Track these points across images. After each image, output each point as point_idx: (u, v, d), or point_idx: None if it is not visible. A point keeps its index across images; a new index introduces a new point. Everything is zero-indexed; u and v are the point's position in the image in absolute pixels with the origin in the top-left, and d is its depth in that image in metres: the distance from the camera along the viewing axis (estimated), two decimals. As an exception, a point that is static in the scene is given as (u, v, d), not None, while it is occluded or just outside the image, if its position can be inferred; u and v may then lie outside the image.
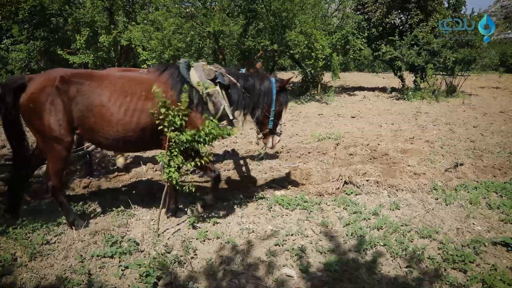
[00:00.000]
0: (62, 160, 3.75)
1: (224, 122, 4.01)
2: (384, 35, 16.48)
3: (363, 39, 15.56)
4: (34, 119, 3.59)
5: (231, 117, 3.99)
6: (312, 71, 14.68)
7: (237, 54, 13.07)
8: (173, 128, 3.57)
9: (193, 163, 3.77)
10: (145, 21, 12.74)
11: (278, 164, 6.16)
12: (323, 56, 13.07)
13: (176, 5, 11.45)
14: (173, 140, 3.57)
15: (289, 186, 5.21)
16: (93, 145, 5.20)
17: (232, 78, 4.01)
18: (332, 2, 16.44)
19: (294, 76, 19.84)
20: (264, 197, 4.74)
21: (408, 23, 16.06)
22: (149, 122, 3.66)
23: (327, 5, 16.19)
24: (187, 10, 12.42)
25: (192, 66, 3.92)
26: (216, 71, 3.91)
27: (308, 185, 5.26)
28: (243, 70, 4.27)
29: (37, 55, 15.01)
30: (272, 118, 4.19)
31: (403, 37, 15.38)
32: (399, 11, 16.11)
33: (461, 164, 6.07)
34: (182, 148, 3.60)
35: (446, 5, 15.99)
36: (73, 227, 3.87)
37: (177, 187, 3.75)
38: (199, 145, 3.65)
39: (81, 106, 3.58)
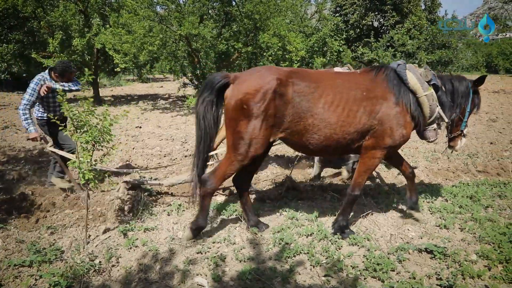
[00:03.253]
0: (240, 166, 3.58)
1: (435, 126, 3.96)
2: (362, 37, 16.51)
3: (341, 41, 15.57)
4: (242, 120, 3.40)
5: (446, 120, 3.94)
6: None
7: (212, 57, 12.98)
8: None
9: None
10: (116, 24, 12.61)
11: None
12: (298, 58, 13.03)
13: (145, 9, 11.32)
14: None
15: (234, 191, 5.13)
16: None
17: (439, 80, 3.94)
18: (309, 4, 16.42)
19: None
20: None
21: (384, 25, 16.10)
22: (366, 124, 3.54)
23: (302, 8, 16.14)
24: (158, 13, 12.30)
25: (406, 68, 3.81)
26: (433, 73, 3.84)
27: (252, 190, 5.17)
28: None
29: (11, 58, 14.83)
30: (466, 120, 4.16)
31: (379, 38, 15.41)
32: (376, 13, 16.14)
33: (415, 168, 6.03)
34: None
35: (423, 7, 16.04)
36: (192, 232, 3.75)
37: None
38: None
39: (299, 108, 3.44)
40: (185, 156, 7.11)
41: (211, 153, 4.54)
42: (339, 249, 3.63)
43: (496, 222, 4.11)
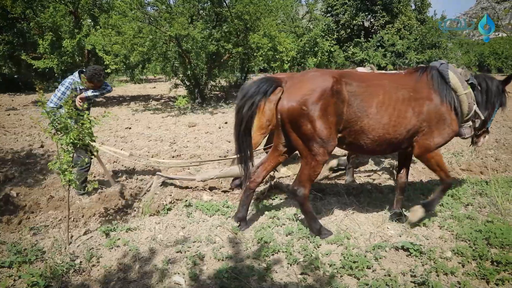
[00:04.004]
0: (321, 166, 3.65)
1: (470, 123, 4.10)
2: (352, 37, 16.60)
3: (332, 41, 15.65)
4: (304, 122, 3.43)
5: (482, 118, 4.08)
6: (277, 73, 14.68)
7: (203, 57, 12.99)
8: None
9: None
10: (106, 25, 12.60)
11: (213, 168, 6.11)
12: (288, 59, 13.11)
13: (134, 10, 11.33)
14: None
15: (218, 191, 5.17)
16: None
17: (475, 80, 4.08)
18: (299, 5, 16.48)
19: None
20: (191, 204, 4.68)
21: (375, 25, 16.20)
22: (416, 125, 3.67)
23: (293, 8, 16.21)
24: (147, 14, 12.30)
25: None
26: (471, 73, 4.00)
27: (237, 189, 5.21)
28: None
29: (1, 59, 14.76)
30: (492, 118, 4.28)
31: (369, 38, 15.50)
32: (367, 13, 16.23)
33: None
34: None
35: (413, 7, 16.16)
36: (320, 236, 3.77)
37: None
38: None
39: (354, 108, 3.49)
40: (173, 157, 7.13)
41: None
42: (318, 247, 3.67)
43: (475, 220, 4.17)
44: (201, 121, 11.16)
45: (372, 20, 16.65)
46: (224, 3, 13.12)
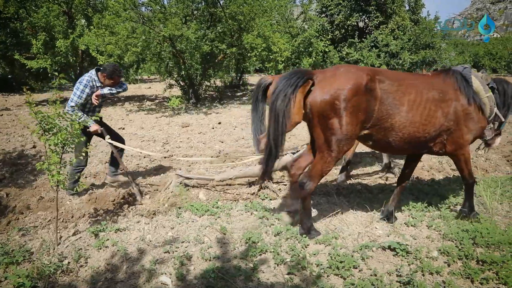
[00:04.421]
0: (334, 164, 3.67)
1: (491, 125, 4.23)
2: (347, 37, 16.63)
3: (327, 41, 15.68)
4: (333, 117, 3.41)
5: (503, 120, 4.23)
6: (272, 74, 14.71)
7: (197, 58, 12.98)
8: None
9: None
10: (99, 26, 12.57)
11: (205, 169, 6.12)
12: (282, 59, 13.12)
13: (128, 10, 11.31)
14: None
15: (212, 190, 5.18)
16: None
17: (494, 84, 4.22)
18: (294, 6, 16.51)
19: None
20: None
21: (369, 25, 16.24)
22: (444, 125, 3.78)
23: (287, 8, 16.22)
24: (141, 14, 12.28)
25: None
26: (491, 77, 4.20)
27: (228, 189, 5.22)
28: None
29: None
30: (506, 120, 4.37)
31: (363, 39, 15.54)
32: (361, 13, 16.27)
33: (389, 168, 6.11)
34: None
35: (407, 8, 16.21)
36: (308, 235, 3.79)
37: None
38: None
39: (386, 105, 3.53)
40: (165, 158, 7.13)
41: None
42: (306, 247, 3.68)
43: (462, 220, 4.19)
44: (195, 121, 11.16)
45: (366, 20, 16.69)
46: (219, 3, 13.12)
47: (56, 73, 13.79)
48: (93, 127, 4.96)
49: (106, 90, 5.03)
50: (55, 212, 4.13)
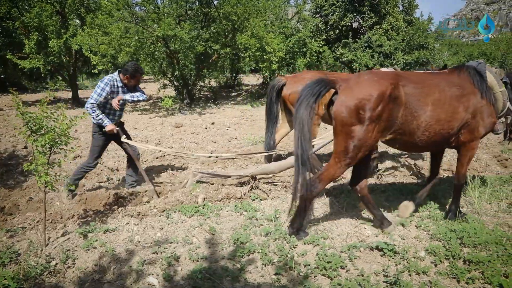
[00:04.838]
0: (347, 168, 3.72)
1: (503, 119, 4.33)
2: (341, 38, 16.66)
3: (321, 42, 15.69)
4: (356, 125, 3.45)
5: None
6: (266, 74, 14.73)
7: (191, 58, 12.95)
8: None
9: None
10: (92, 25, 12.51)
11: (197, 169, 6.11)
12: (276, 59, 13.12)
13: (120, 10, 11.27)
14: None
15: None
16: None
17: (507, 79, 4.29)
18: (288, 6, 16.52)
19: (256, 79, 20.06)
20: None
21: (363, 26, 16.28)
22: (464, 118, 3.85)
23: (282, 9, 16.22)
24: (134, 14, 12.24)
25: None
26: (505, 72, 4.29)
27: (219, 189, 5.21)
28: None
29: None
30: None
31: (357, 39, 15.57)
32: (355, 14, 16.29)
33: (379, 170, 6.12)
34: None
35: (401, 8, 16.26)
36: (297, 236, 3.80)
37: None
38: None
39: (412, 108, 3.58)
40: (156, 158, 7.12)
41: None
42: (294, 248, 3.68)
43: (451, 220, 4.21)
44: (188, 121, 11.14)
45: (360, 21, 16.72)
46: (212, 3, 13.11)
47: (49, 73, 13.70)
48: (109, 126, 4.96)
49: (127, 97, 5.06)
50: (43, 213, 4.11)
